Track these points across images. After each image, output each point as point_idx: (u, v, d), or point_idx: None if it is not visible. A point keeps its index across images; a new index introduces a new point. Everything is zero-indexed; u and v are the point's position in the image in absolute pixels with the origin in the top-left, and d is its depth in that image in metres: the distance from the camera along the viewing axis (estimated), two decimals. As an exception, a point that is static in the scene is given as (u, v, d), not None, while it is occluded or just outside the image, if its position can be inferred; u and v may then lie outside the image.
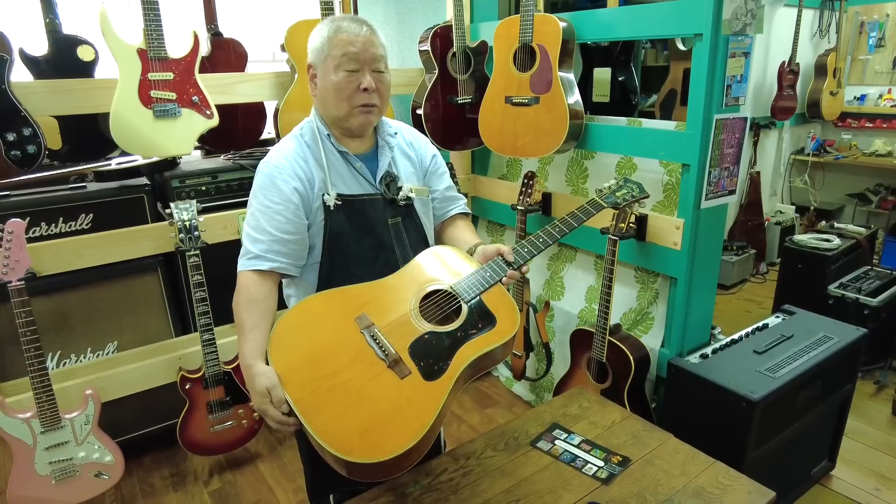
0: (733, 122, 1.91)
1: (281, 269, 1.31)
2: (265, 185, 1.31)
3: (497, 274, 1.32)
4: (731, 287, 3.93)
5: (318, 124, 1.37)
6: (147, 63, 1.88)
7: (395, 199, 1.40)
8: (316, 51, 1.32)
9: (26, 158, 1.77)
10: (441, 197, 1.55)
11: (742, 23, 1.81)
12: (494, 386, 2.98)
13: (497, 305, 1.31)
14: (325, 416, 1.12)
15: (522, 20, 2.17)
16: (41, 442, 1.87)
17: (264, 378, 1.15)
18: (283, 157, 1.34)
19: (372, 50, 1.30)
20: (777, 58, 3.96)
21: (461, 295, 1.29)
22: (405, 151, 1.49)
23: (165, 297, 2.35)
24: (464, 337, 1.26)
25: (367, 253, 1.36)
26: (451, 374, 1.20)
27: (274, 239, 1.29)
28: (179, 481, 2.34)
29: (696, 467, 1.43)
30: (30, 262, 1.79)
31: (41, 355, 1.81)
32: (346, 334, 1.23)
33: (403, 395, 1.17)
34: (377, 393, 1.16)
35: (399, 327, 1.25)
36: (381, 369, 1.19)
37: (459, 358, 1.22)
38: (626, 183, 1.80)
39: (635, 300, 2.31)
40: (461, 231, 1.54)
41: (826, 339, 2.03)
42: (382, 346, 1.21)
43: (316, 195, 1.33)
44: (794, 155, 4.54)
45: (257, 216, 1.31)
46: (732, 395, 1.74)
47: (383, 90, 1.35)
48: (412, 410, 1.15)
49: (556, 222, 1.46)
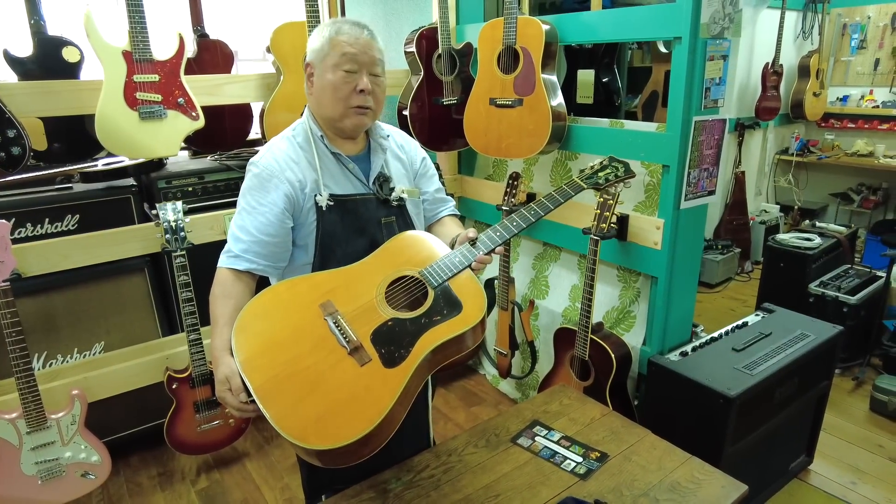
0: (712, 123, 1.94)
1: (257, 270, 1.33)
2: (254, 186, 1.33)
3: (466, 259, 1.31)
4: (716, 286, 3.98)
5: (311, 125, 1.38)
6: (132, 65, 1.89)
7: (387, 199, 1.42)
8: (316, 50, 1.34)
9: (11, 160, 1.78)
10: (431, 199, 1.58)
11: (720, 26, 1.85)
12: (480, 384, 3.01)
13: (464, 291, 1.29)
14: (283, 403, 1.13)
15: (506, 23, 2.20)
16: (27, 442, 1.88)
17: (225, 367, 1.19)
18: (274, 159, 1.35)
19: (371, 53, 1.32)
20: (761, 59, 4.02)
21: (428, 280, 1.29)
22: (397, 154, 1.51)
23: (152, 297, 2.36)
24: (428, 323, 1.24)
25: (359, 253, 1.36)
26: (412, 361, 1.20)
27: (254, 240, 1.31)
28: (167, 480, 2.36)
29: (672, 462, 1.47)
30: (15, 262, 1.80)
31: (27, 356, 1.82)
32: (309, 321, 1.23)
33: (362, 383, 1.17)
34: (336, 380, 1.16)
35: (363, 314, 1.25)
36: (342, 356, 1.19)
37: (422, 344, 1.22)
38: (612, 162, 1.77)
39: (617, 299, 2.35)
40: (448, 227, 1.55)
41: (803, 336, 2.07)
42: (344, 332, 1.21)
43: (307, 196, 1.34)
44: (779, 155, 4.60)
45: (243, 216, 1.33)
46: (710, 392, 1.78)
47: (379, 94, 1.36)
48: (370, 397, 1.15)
49: (532, 204, 1.44)
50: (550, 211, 1.44)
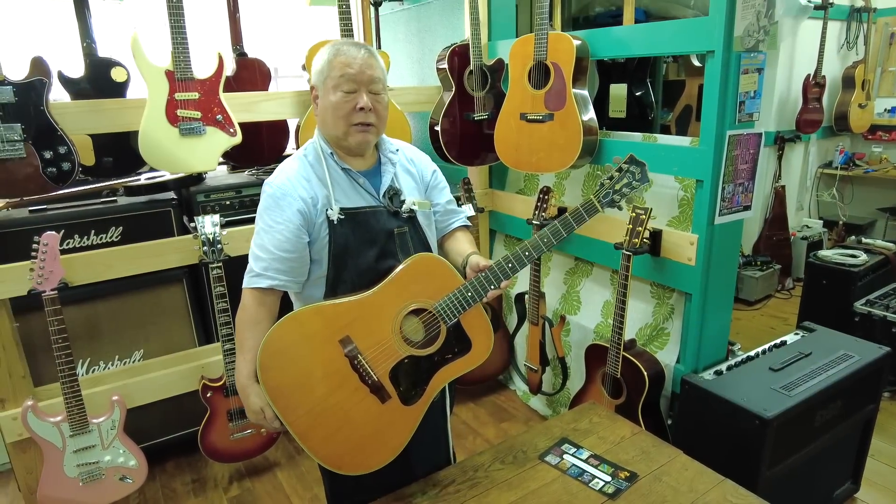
0: (747, 137, 1.90)
1: (280, 286, 1.37)
2: (269, 206, 1.37)
3: (479, 294, 1.36)
4: (755, 303, 3.86)
5: (321, 144, 1.43)
6: (174, 83, 1.97)
7: (398, 211, 1.44)
8: (318, 73, 1.38)
9: (61, 175, 1.87)
10: (443, 210, 1.60)
11: (755, 39, 1.82)
12: (511, 400, 2.99)
13: (473, 328, 1.40)
14: (316, 438, 1.30)
15: (537, 39, 2.21)
16: (70, 445, 1.95)
17: (256, 398, 1.33)
18: (287, 178, 1.39)
19: (369, 72, 1.35)
20: (802, 71, 3.92)
21: (441, 316, 1.36)
22: (407, 168, 1.54)
23: (189, 307, 2.43)
24: (440, 361, 1.37)
25: (371, 263, 1.40)
26: (427, 398, 1.37)
27: (274, 257, 1.35)
28: (200, 487, 2.41)
29: (704, 485, 1.43)
30: (63, 272, 1.89)
31: (72, 362, 1.89)
32: (330, 359, 1.31)
33: (384, 419, 1.33)
34: (361, 417, 1.32)
35: (381, 351, 1.33)
36: (365, 394, 1.32)
37: (435, 383, 1.37)
38: (630, 168, 1.52)
39: (651, 315, 2.31)
40: (460, 243, 1.59)
41: (846, 357, 1.99)
42: (365, 371, 1.31)
43: (320, 212, 1.38)
44: (822, 168, 4.46)
45: (261, 235, 1.37)
46: (745, 413, 1.72)
47: (381, 110, 1.40)
48: (392, 431, 1.34)
49: (546, 230, 1.40)
50: (564, 238, 1.41)
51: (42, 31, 2.68)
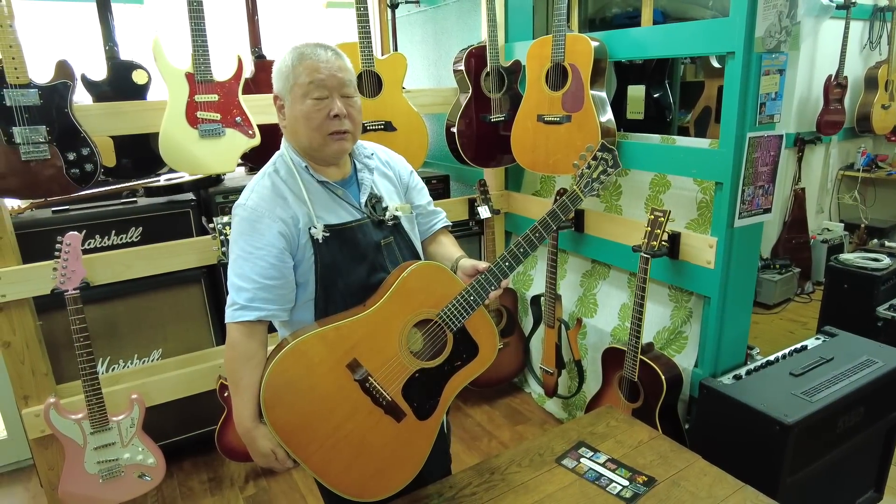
0: (768, 139, 1.88)
1: (268, 316, 1.26)
2: (245, 230, 1.25)
3: (480, 297, 1.32)
4: (774, 307, 3.81)
5: (292, 156, 1.32)
6: (194, 86, 1.99)
7: (382, 219, 1.38)
8: (281, 80, 1.28)
9: (84, 176, 1.90)
10: (424, 212, 1.56)
11: (776, 40, 1.79)
12: (526, 402, 2.97)
13: (479, 331, 1.37)
14: (335, 470, 1.23)
15: (555, 40, 2.20)
16: (90, 442, 1.98)
17: (264, 441, 1.23)
18: (261, 199, 1.27)
19: (340, 75, 1.26)
20: (823, 71, 3.86)
21: (447, 324, 1.31)
22: (383, 171, 1.47)
23: (207, 307, 2.45)
24: (450, 370, 1.34)
25: (362, 280, 1.33)
26: (441, 408, 1.34)
27: (259, 286, 1.23)
28: (216, 486, 2.43)
29: (723, 490, 1.41)
30: (84, 272, 1.91)
31: (93, 360, 1.92)
32: (339, 385, 1.23)
33: (402, 438, 1.29)
34: (378, 441, 1.26)
35: (391, 370, 1.27)
36: (379, 416, 1.26)
37: (447, 392, 1.34)
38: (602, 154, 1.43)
39: (669, 319, 2.28)
40: (446, 247, 1.56)
41: (870, 362, 1.95)
42: (378, 392, 1.25)
43: (302, 231, 1.28)
44: (843, 171, 4.39)
45: (240, 263, 1.25)
46: (765, 418, 1.70)
47: (355, 115, 1.30)
48: (411, 449, 1.30)
49: (536, 224, 1.35)
50: (552, 230, 1.36)
51: (66, 34, 2.73)
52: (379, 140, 1.74)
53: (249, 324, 1.25)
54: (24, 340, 1.99)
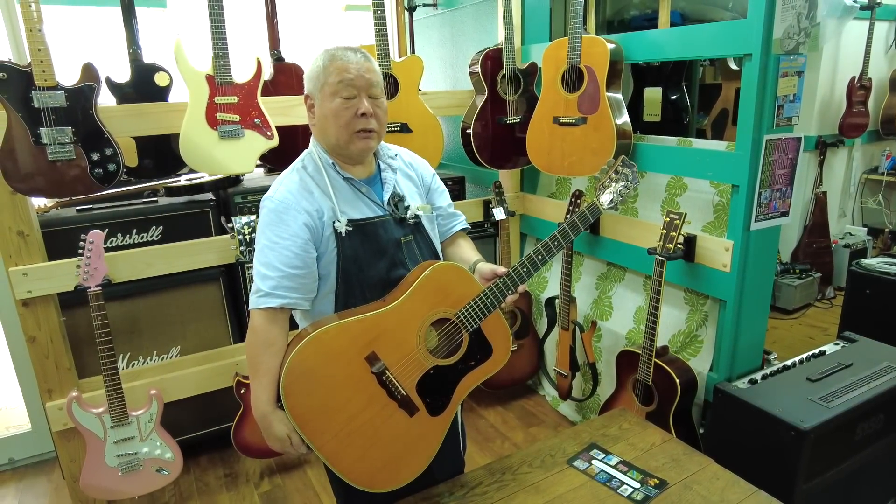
0: (785, 142, 1.86)
1: (291, 304, 1.30)
2: (272, 221, 1.31)
3: (497, 300, 1.36)
4: (793, 312, 3.75)
5: (320, 154, 1.38)
6: (214, 88, 2.03)
7: (404, 217, 1.42)
8: (312, 80, 1.34)
9: (107, 175, 1.94)
10: (444, 213, 1.60)
11: (795, 41, 1.78)
12: (540, 405, 2.97)
13: (494, 333, 1.41)
14: (348, 459, 1.27)
15: (571, 42, 2.20)
16: (111, 436, 2.03)
17: (281, 425, 1.28)
18: (288, 192, 1.33)
19: (368, 76, 1.32)
20: (846, 73, 3.80)
21: (463, 324, 1.36)
22: (406, 172, 1.52)
23: (225, 305, 2.49)
24: (464, 369, 1.38)
25: (382, 275, 1.37)
26: (453, 406, 1.38)
27: (283, 275, 1.28)
28: (232, 482, 2.46)
29: (736, 495, 1.40)
30: (107, 269, 1.96)
31: (114, 356, 1.96)
32: (357, 377, 1.27)
33: (414, 432, 1.33)
34: (391, 433, 1.30)
35: (407, 365, 1.32)
36: (393, 409, 1.31)
37: (460, 390, 1.38)
38: (623, 169, 1.52)
39: (684, 322, 2.27)
40: (464, 250, 1.60)
41: (890, 368, 1.92)
42: (393, 386, 1.30)
43: (326, 224, 1.33)
44: (867, 174, 4.31)
45: (266, 252, 1.30)
46: (781, 424, 1.68)
47: (381, 115, 1.36)
48: (422, 444, 1.34)
49: (556, 233, 1.42)
50: (571, 240, 1.46)
51: (92, 38, 2.79)
52: (395, 142, 1.76)
53: (272, 311, 1.29)
54: (49, 335, 2.04)
